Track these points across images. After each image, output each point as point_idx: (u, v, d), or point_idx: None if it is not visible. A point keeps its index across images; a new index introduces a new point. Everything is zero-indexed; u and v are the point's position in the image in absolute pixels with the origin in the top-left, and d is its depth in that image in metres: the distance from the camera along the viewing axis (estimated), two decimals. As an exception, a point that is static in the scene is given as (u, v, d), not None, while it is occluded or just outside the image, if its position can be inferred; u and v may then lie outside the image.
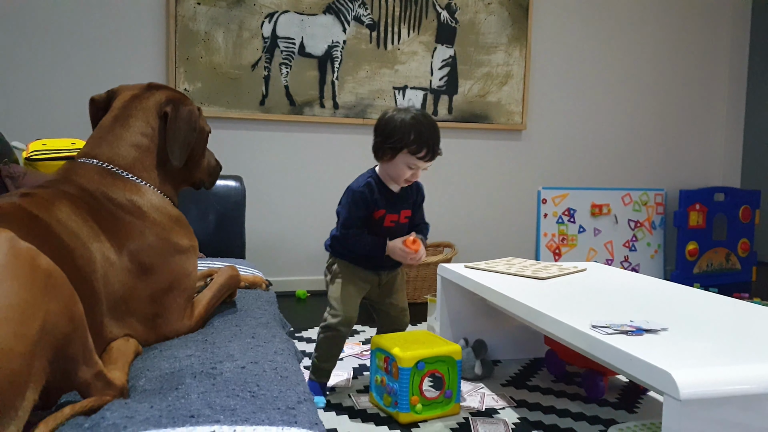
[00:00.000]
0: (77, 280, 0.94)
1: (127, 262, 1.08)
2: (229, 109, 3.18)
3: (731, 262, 4.01)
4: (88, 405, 0.81)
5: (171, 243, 1.16)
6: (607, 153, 3.93)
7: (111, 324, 1.04)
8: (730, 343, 1.23)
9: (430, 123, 1.68)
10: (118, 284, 1.06)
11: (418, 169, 1.69)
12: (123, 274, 1.07)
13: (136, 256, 1.10)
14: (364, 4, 3.34)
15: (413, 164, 1.67)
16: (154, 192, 1.20)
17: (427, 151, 1.66)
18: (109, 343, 1.03)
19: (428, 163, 1.69)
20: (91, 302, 0.99)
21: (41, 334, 0.74)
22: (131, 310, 1.08)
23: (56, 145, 2.03)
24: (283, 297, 3.17)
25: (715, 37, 4.10)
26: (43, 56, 2.95)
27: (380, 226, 1.72)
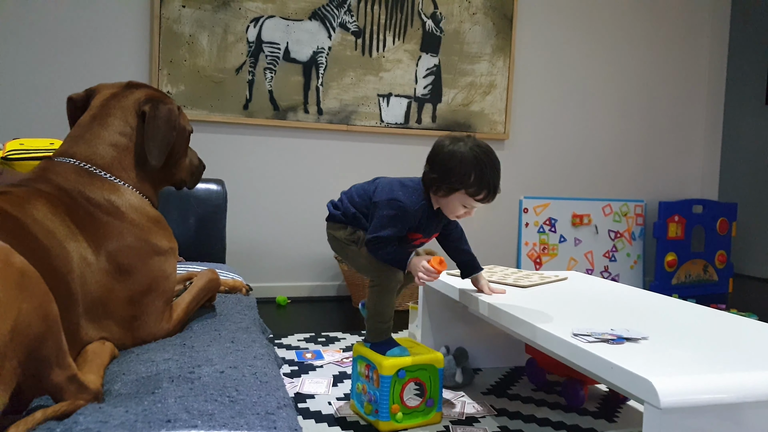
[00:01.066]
0: (53, 280, 0.91)
1: (104, 262, 1.06)
2: (212, 113, 3.15)
3: (709, 274, 4.07)
4: (60, 409, 0.79)
5: (150, 244, 1.14)
6: (589, 164, 3.96)
7: (87, 326, 1.02)
8: (709, 352, 1.24)
9: (492, 162, 1.54)
10: (95, 285, 1.04)
11: (473, 208, 1.58)
12: (100, 274, 1.05)
13: (114, 256, 1.08)
14: (350, 12, 3.34)
15: (469, 204, 1.57)
16: (132, 192, 1.18)
17: (487, 194, 1.55)
18: (85, 346, 1.00)
19: (486, 204, 1.58)
20: (67, 303, 0.96)
21: (13, 334, 0.72)
22: (108, 312, 1.06)
23: (34, 145, 2.00)
24: (262, 303, 3.14)
25: (695, 53, 4.17)
26: (23, 55, 2.90)
27: (407, 242, 1.65)
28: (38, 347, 0.77)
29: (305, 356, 2.23)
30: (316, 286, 3.42)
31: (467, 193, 1.53)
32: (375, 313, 1.63)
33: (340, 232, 1.68)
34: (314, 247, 3.40)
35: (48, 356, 0.79)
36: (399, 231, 1.56)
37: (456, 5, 3.54)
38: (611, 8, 3.92)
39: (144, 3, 3.05)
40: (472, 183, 1.52)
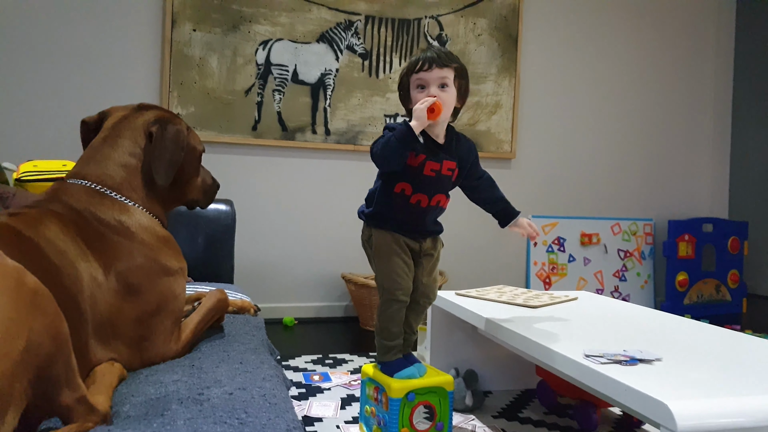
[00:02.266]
0: (64, 299, 0.91)
1: (114, 282, 1.06)
2: (222, 134, 3.17)
3: (721, 294, 4.02)
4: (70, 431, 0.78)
5: (159, 264, 1.14)
6: (596, 182, 3.95)
7: (96, 347, 1.01)
8: (725, 374, 1.22)
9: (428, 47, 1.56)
10: (104, 306, 1.03)
11: (429, 86, 1.50)
12: (110, 295, 1.05)
13: (124, 276, 1.08)
14: (357, 34, 3.38)
15: (420, 81, 1.51)
16: (142, 212, 1.18)
17: (423, 61, 1.50)
18: (93, 367, 1.00)
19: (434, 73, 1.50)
20: (77, 323, 0.96)
21: (24, 354, 0.72)
22: (117, 332, 1.05)
23: (47, 167, 2.02)
24: (269, 324, 3.13)
25: (701, 70, 4.17)
26: (37, 78, 2.94)
27: (419, 174, 1.51)
28: (48, 367, 0.76)
29: (313, 378, 2.21)
30: (323, 306, 3.41)
31: (413, 76, 1.52)
32: (380, 329, 1.58)
33: (361, 235, 1.62)
34: (321, 268, 3.39)
35: (58, 376, 0.78)
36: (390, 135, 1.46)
37: (461, 27, 3.57)
38: (616, 27, 3.94)
39: (156, 27, 3.09)
40: (409, 66, 1.53)
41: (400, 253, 1.53)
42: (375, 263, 1.57)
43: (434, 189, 1.52)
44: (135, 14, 3.06)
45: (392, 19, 3.43)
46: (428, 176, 1.51)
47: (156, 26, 3.09)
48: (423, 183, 1.51)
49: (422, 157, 1.50)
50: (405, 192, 1.51)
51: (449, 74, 1.52)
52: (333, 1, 3.33)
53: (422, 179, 1.50)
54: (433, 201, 1.53)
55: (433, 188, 1.52)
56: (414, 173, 1.50)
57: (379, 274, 1.55)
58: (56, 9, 2.95)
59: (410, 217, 1.53)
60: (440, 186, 1.54)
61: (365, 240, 1.60)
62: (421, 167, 1.50)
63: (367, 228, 1.58)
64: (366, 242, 1.60)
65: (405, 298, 1.54)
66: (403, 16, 3.45)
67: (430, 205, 1.53)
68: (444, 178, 1.54)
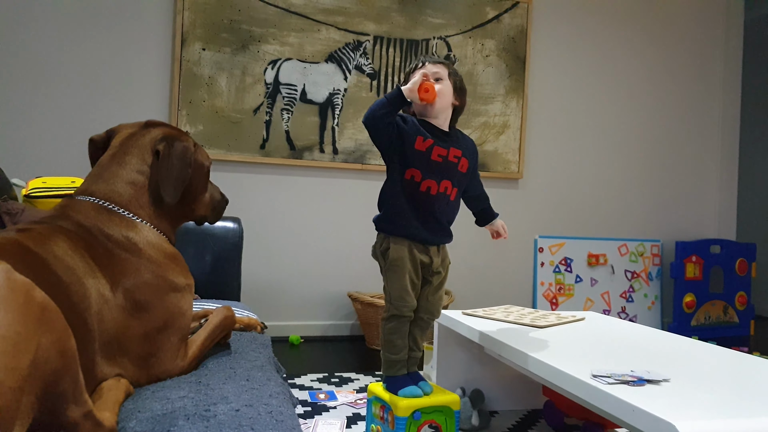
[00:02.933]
0: (71, 315, 0.92)
1: (121, 299, 1.07)
2: (230, 152, 3.20)
3: (729, 315, 3.99)
4: None
5: (166, 281, 1.15)
6: (603, 203, 3.95)
7: (103, 363, 1.01)
8: (734, 395, 1.21)
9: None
10: (111, 322, 1.04)
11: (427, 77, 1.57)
12: (117, 311, 1.05)
13: (131, 293, 1.08)
14: (366, 54, 3.41)
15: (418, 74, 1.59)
16: (150, 229, 1.19)
17: (418, 62, 1.65)
18: (100, 383, 1.00)
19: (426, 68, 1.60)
20: (85, 339, 0.97)
21: (32, 368, 0.72)
22: (124, 348, 1.06)
23: (56, 183, 2.04)
24: (275, 342, 3.12)
25: (709, 91, 4.19)
26: (47, 95, 2.98)
27: (428, 159, 1.56)
28: (55, 382, 0.77)
29: (318, 397, 2.20)
30: (330, 325, 3.40)
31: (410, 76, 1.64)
32: (384, 342, 1.61)
33: (375, 244, 1.65)
34: (328, 286, 3.39)
35: (65, 392, 0.78)
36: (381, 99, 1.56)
37: (469, 48, 3.60)
38: (624, 50, 3.97)
39: (166, 46, 3.13)
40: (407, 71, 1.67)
41: (412, 272, 1.58)
42: (387, 276, 1.60)
43: (441, 174, 1.58)
44: (145, 33, 3.11)
45: (401, 39, 3.47)
46: (436, 161, 1.57)
47: (166, 45, 3.14)
48: (431, 168, 1.57)
49: (430, 142, 1.57)
50: (415, 179, 1.56)
51: (442, 70, 1.63)
52: (342, 22, 3.38)
53: (430, 164, 1.56)
54: (441, 187, 1.58)
55: (441, 174, 1.58)
56: (422, 158, 1.56)
57: (390, 287, 1.59)
58: (67, 27, 3.00)
59: (421, 208, 1.57)
60: (447, 172, 1.59)
61: (380, 251, 1.62)
62: (429, 152, 1.56)
63: (385, 239, 1.61)
64: (380, 254, 1.62)
65: (410, 314, 1.60)
66: (412, 36, 3.49)
67: (439, 192, 1.57)
68: (450, 164, 1.60)
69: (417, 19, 3.50)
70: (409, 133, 1.56)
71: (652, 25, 4.04)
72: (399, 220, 1.58)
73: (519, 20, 3.69)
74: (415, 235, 1.57)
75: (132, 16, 3.09)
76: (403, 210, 1.57)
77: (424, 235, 1.58)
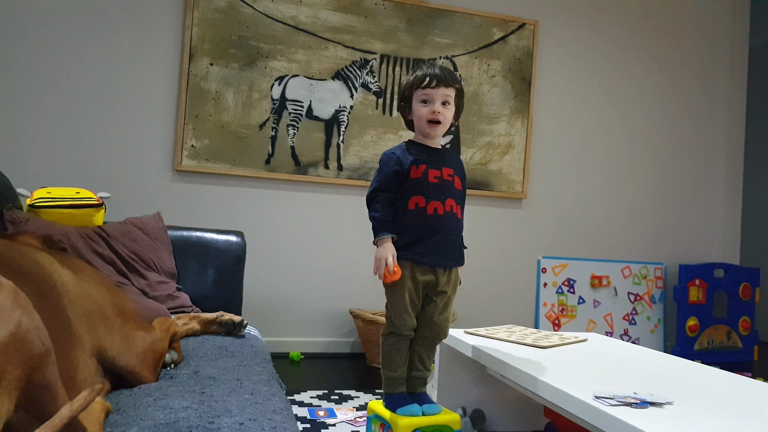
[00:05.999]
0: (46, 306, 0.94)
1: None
2: (235, 167, 3.21)
3: (732, 340, 3.96)
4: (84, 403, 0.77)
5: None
6: (607, 225, 3.95)
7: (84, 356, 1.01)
8: (737, 420, 1.20)
9: (424, 65, 1.65)
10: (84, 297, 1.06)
11: (434, 102, 1.58)
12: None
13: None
14: (372, 72, 3.44)
15: (424, 96, 1.59)
16: None
17: (431, 78, 1.58)
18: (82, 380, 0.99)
19: (439, 91, 1.58)
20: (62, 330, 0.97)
21: (12, 338, 0.73)
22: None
23: (60, 194, 2.04)
24: (275, 358, 3.10)
25: (714, 115, 4.20)
26: (54, 107, 3.01)
27: (425, 183, 1.57)
28: (39, 369, 0.77)
29: (318, 414, 2.19)
30: (330, 342, 3.39)
31: (418, 90, 1.61)
32: (383, 359, 1.61)
33: None
34: (330, 303, 3.39)
35: (49, 384, 0.78)
36: (388, 170, 1.59)
37: (475, 68, 3.63)
38: (629, 73, 4.00)
39: (174, 61, 3.17)
40: (416, 77, 1.62)
41: (413, 292, 1.57)
42: (388, 294, 1.60)
43: (443, 194, 1.59)
44: (154, 48, 3.14)
45: (407, 58, 3.50)
46: (433, 183, 1.58)
47: (174, 60, 3.17)
48: (431, 191, 1.58)
49: (423, 167, 1.58)
50: (419, 205, 1.57)
51: (452, 93, 1.62)
52: (349, 40, 3.41)
53: (429, 187, 1.58)
54: (447, 206, 1.58)
55: (443, 194, 1.59)
56: (420, 184, 1.58)
57: (390, 305, 1.59)
58: (75, 41, 3.03)
59: (430, 233, 1.57)
60: (447, 191, 1.60)
61: None
62: (425, 176, 1.58)
63: None
64: None
65: (409, 333, 1.59)
66: (418, 56, 3.52)
67: (446, 212, 1.58)
68: (447, 183, 1.61)
69: (424, 38, 3.53)
70: (403, 167, 1.59)
71: (658, 49, 4.07)
72: (405, 245, 1.57)
73: (525, 42, 3.72)
74: (418, 260, 1.57)
75: (141, 31, 3.12)
76: (410, 236, 1.57)
77: (429, 260, 1.58)
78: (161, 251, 2.08)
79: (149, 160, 3.14)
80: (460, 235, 1.65)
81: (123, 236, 2.01)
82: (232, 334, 1.62)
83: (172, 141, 3.16)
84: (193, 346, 1.43)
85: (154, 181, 3.14)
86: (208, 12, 3.18)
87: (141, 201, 3.07)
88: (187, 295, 2.04)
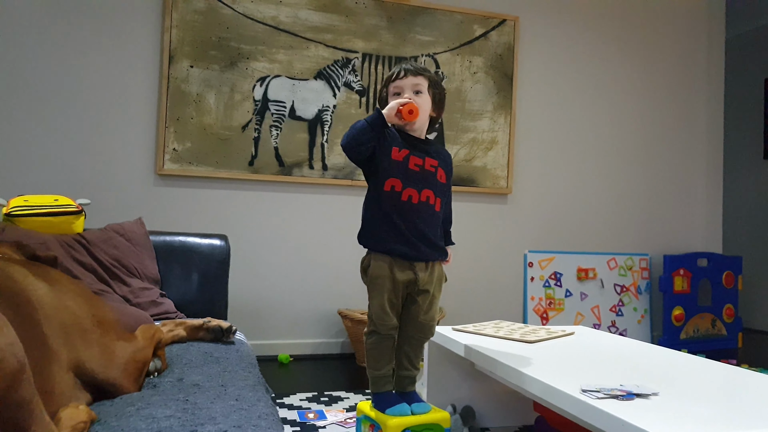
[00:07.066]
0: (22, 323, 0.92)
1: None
2: (218, 169, 3.19)
3: (717, 328, 4.01)
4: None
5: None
6: (592, 217, 3.97)
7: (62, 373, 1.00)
8: (723, 408, 1.21)
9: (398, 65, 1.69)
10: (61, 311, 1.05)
11: (405, 92, 1.61)
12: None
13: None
14: (354, 71, 3.43)
15: (396, 89, 1.62)
16: None
17: (399, 70, 1.62)
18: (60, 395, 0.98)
19: (408, 80, 1.61)
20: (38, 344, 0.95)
21: None
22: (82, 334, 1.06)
23: (38, 201, 2.01)
24: (264, 361, 3.09)
25: (693, 108, 4.24)
26: (30, 112, 2.97)
27: (405, 168, 1.56)
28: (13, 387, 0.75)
29: (307, 416, 2.18)
30: (320, 343, 3.38)
31: (390, 86, 1.64)
32: (367, 357, 1.60)
33: (361, 262, 1.64)
34: (318, 303, 3.37)
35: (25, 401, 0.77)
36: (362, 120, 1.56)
37: (457, 65, 3.63)
38: (610, 66, 4.02)
39: (153, 64, 3.13)
40: (387, 78, 1.66)
41: (391, 292, 1.56)
42: (369, 293, 1.60)
43: (421, 183, 1.57)
44: (133, 50, 3.11)
45: (389, 57, 3.50)
46: (413, 170, 1.57)
47: (154, 63, 3.14)
48: (409, 177, 1.56)
49: (405, 152, 1.57)
50: (395, 188, 1.55)
51: (423, 82, 1.63)
52: (331, 39, 3.40)
53: (408, 173, 1.56)
54: (423, 196, 1.56)
55: (420, 183, 1.57)
56: (400, 168, 1.56)
57: (371, 305, 1.58)
58: (52, 44, 2.99)
59: (405, 219, 1.55)
60: (426, 181, 1.59)
61: (363, 268, 1.62)
62: (406, 161, 1.57)
63: (367, 256, 1.60)
64: (363, 270, 1.62)
65: (389, 333, 1.57)
66: (400, 54, 3.52)
67: (421, 201, 1.56)
68: (428, 173, 1.60)
69: (405, 36, 3.53)
70: (385, 144, 1.57)
71: (637, 43, 4.09)
72: (380, 233, 1.56)
73: (506, 38, 3.73)
74: (396, 250, 1.54)
75: (119, 34, 3.09)
76: (385, 223, 1.55)
77: (405, 249, 1.55)
78: (144, 257, 2.05)
79: (130, 165, 3.10)
80: (437, 227, 1.63)
81: (104, 243, 1.99)
82: (221, 341, 1.60)
83: (153, 145, 3.13)
84: (178, 352, 1.41)
85: (136, 185, 3.11)
86: (187, 14, 3.15)
87: (123, 207, 3.03)
88: (171, 301, 2.02)
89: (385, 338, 1.58)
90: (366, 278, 1.60)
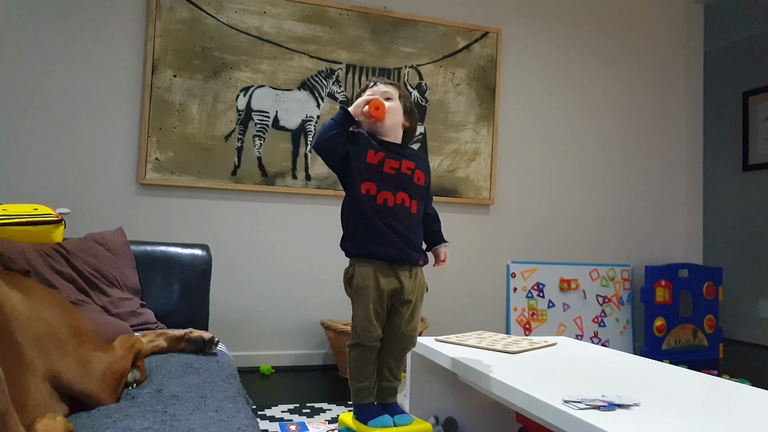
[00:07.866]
0: None
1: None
2: (201, 179, 3.17)
3: (698, 339, 4.04)
4: None
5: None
6: (574, 228, 4.00)
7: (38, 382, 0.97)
8: (703, 419, 1.22)
9: None
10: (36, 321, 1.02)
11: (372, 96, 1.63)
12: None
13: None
14: (338, 82, 3.44)
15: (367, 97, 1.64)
16: None
17: (369, 81, 1.69)
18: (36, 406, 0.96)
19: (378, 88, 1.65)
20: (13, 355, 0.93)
21: None
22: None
23: (17, 210, 1.97)
24: (245, 372, 3.06)
25: (672, 121, 4.30)
26: (9, 118, 2.93)
27: (380, 171, 1.55)
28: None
29: (289, 428, 2.15)
30: (302, 354, 3.35)
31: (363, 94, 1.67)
32: (350, 370, 1.59)
33: (344, 273, 1.62)
34: (300, 315, 3.35)
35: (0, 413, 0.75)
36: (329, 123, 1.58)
37: (440, 77, 3.65)
38: (592, 79, 4.07)
39: (136, 73, 3.11)
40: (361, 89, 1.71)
41: (377, 302, 1.55)
42: (352, 304, 1.58)
43: (396, 186, 1.57)
44: (115, 60, 3.09)
45: (373, 68, 3.51)
46: (388, 174, 1.57)
47: (136, 72, 3.12)
48: (385, 180, 1.56)
49: (381, 155, 1.57)
50: (370, 192, 1.55)
51: (393, 90, 1.67)
52: (314, 50, 3.40)
53: (383, 177, 1.56)
54: (398, 198, 1.56)
55: (396, 185, 1.57)
56: (374, 171, 1.56)
57: (355, 316, 1.57)
58: (35, 52, 2.96)
59: (382, 222, 1.54)
60: (402, 184, 1.58)
61: (347, 279, 1.60)
62: (381, 164, 1.56)
63: (350, 265, 1.59)
64: (346, 281, 1.60)
65: (374, 344, 1.56)
66: (384, 65, 3.53)
67: (396, 204, 1.56)
68: (404, 176, 1.59)
69: (389, 48, 3.55)
70: (361, 148, 1.57)
71: (617, 55, 4.15)
72: (361, 236, 1.55)
73: (489, 50, 3.76)
74: (379, 253, 1.53)
75: (102, 43, 3.07)
76: (364, 225, 1.55)
77: (389, 251, 1.54)
78: (124, 267, 2.03)
79: (112, 174, 3.07)
80: (417, 230, 1.62)
81: (83, 252, 1.96)
82: (203, 352, 1.58)
83: (135, 154, 3.10)
84: (157, 363, 1.39)
85: (118, 195, 3.07)
86: (171, 23, 3.14)
87: (104, 216, 3.00)
88: (151, 311, 1.99)
89: (368, 350, 1.57)
90: (350, 289, 1.58)
